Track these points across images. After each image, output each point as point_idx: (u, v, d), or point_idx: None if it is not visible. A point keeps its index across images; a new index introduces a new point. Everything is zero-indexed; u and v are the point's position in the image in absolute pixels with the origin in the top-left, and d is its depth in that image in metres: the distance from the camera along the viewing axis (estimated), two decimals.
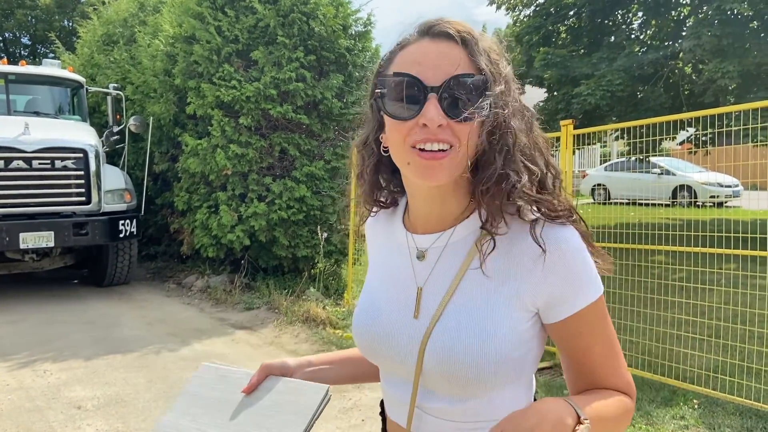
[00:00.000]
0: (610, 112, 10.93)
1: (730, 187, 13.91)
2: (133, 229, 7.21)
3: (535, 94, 13.82)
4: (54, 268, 7.73)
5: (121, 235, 7.03)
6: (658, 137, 4.89)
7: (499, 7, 13.28)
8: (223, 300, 6.74)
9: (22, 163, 6.54)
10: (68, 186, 6.81)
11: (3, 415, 3.74)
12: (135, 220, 7.26)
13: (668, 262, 6.23)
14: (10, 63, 8.21)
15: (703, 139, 11.23)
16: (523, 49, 12.41)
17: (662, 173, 13.83)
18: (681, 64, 11.24)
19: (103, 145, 7.73)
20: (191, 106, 7.07)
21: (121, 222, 7.02)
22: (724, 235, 4.12)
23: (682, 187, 14.38)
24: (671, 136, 9.28)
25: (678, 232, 4.31)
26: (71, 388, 4.19)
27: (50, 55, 20.32)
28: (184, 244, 7.66)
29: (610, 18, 12.33)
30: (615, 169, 16.27)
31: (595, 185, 16.23)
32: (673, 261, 5.95)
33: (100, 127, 8.58)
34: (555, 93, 11.96)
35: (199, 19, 6.98)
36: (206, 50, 6.83)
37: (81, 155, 6.84)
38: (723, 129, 4.30)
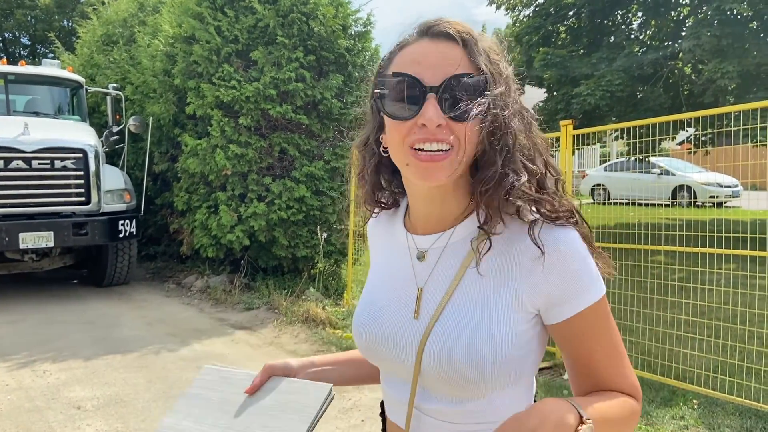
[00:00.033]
0: (610, 113, 10.93)
1: (729, 187, 13.91)
2: (133, 229, 7.21)
3: (534, 95, 13.82)
4: (53, 268, 7.73)
5: (121, 235, 7.03)
6: (658, 137, 4.89)
7: (498, 8, 13.28)
8: (222, 300, 6.74)
9: (21, 163, 6.54)
10: (68, 186, 6.81)
11: (2, 416, 3.74)
12: (134, 220, 7.26)
13: (668, 262, 6.23)
14: (9, 63, 8.21)
15: (703, 140, 11.24)
16: (522, 50, 12.40)
17: (662, 173, 13.82)
18: (680, 65, 11.25)
19: (103, 146, 7.73)
20: (191, 106, 7.07)
21: (121, 222, 7.02)
22: (723, 235, 4.12)
23: (682, 187, 14.39)
24: (671, 136, 9.27)
25: (678, 233, 4.31)
26: (71, 389, 4.19)
27: (50, 55, 20.31)
28: (184, 245, 7.66)
29: (610, 18, 12.33)
30: (614, 170, 16.27)
31: (595, 185, 16.22)
32: (673, 261, 5.95)
33: (100, 128, 8.57)
34: (554, 93, 11.96)
35: (198, 19, 6.98)
36: (206, 50, 6.83)
37: (80, 155, 6.85)
38: (722, 129, 4.30)
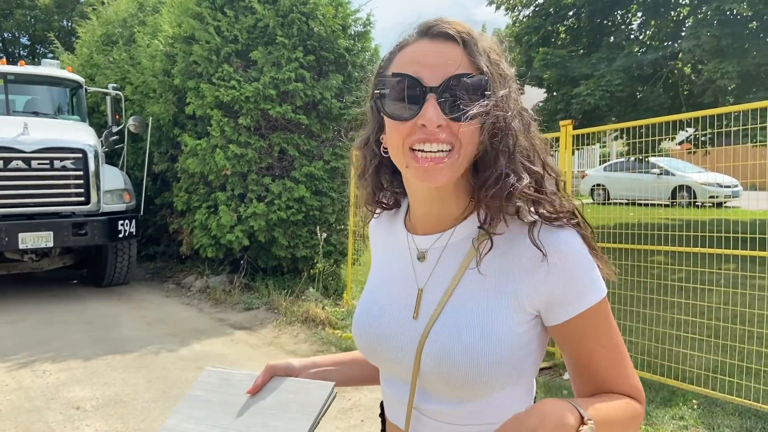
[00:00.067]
0: (610, 113, 10.93)
1: (729, 187, 13.90)
2: (133, 230, 7.21)
3: (534, 95, 13.81)
4: (53, 269, 7.72)
5: (121, 236, 7.03)
6: (658, 137, 4.89)
7: (498, 8, 13.28)
8: (222, 300, 6.74)
9: (21, 163, 6.54)
10: (67, 186, 6.81)
11: (2, 416, 3.74)
12: (134, 221, 7.26)
13: (667, 262, 6.23)
14: (9, 63, 8.21)
15: (703, 140, 11.23)
16: (522, 50, 12.40)
17: (661, 173, 13.82)
18: (680, 65, 11.24)
19: (103, 146, 7.72)
20: (190, 107, 7.07)
21: (121, 222, 7.02)
22: (723, 235, 4.12)
23: (682, 187, 14.38)
24: (670, 136, 9.27)
25: (677, 233, 4.31)
26: (70, 389, 4.19)
27: (49, 55, 20.31)
28: (184, 245, 7.65)
29: (610, 18, 12.34)
30: (614, 170, 16.26)
31: (595, 185, 16.22)
32: (673, 261, 5.94)
33: (100, 128, 8.57)
34: (554, 93, 11.96)
35: (198, 20, 6.98)
36: (205, 50, 6.82)
37: (80, 155, 6.84)
38: (722, 129, 4.29)
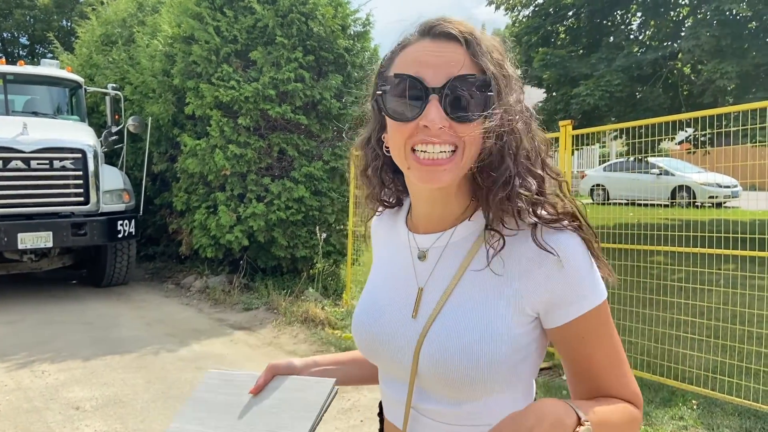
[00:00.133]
0: (609, 113, 10.93)
1: (728, 187, 13.90)
2: (132, 230, 7.20)
3: (534, 95, 13.82)
4: (52, 269, 7.72)
5: (120, 236, 7.02)
6: (657, 138, 4.89)
7: (498, 8, 13.27)
8: (221, 300, 6.73)
9: (20, 164, 6.54)
10: (67, 186, 6.81)
11: (1, 416, 3.73)
12: (133, 221, 7.25)
13: (667, 262, 6.22)
14: (8, 63, 8.20)
15: (702, 140, 11.23)
16: (522, 50, 12.40)
17: (661, 174, 13.83)
18: (680, 65, 11.24)
19: (102, 146, 7.72)
20: (190, 107, 7.07)
21: (120, 222, 7.01)
22: (723, 235, 4.12)
23: (681, 187, 14.39)
24: (670, 136, 9.28)
25: (677, 233, 4.30)
26: (69, 389, 4.18)
27: (49, 55, 20.30)
28: (183, 245, 7.65)
29: (609, 18, 12.34)
30: (614, 170, 16.27)
31: (594, 186, 16.23)
32: (672, 261, 5.94)
33: (99, 128, 8.57)
34: (554, 93, 11.96)
35: (197, 20, 6.98)
36: (205, 50, 6.82)
37: (79, 155, 6.84)
38: (722, 129, 4.29)
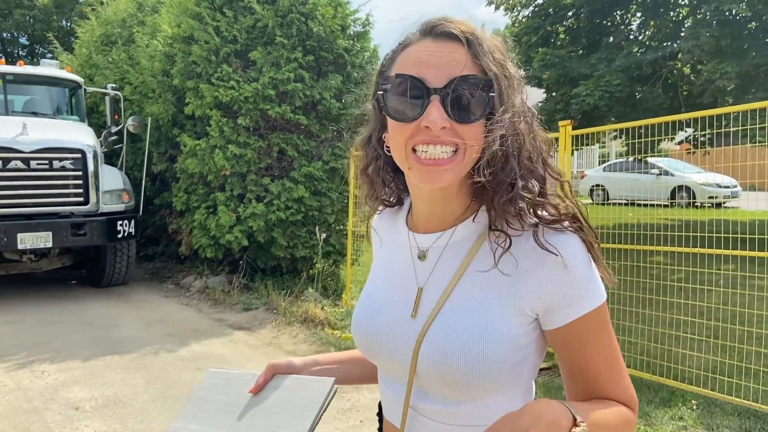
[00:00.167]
0: (609, 113, 10.93)
1: (728, 187, 13.92)
2: (132, 230, 7.20)
3: (533, 95, 13.82)
4: (52, 269, 7.71)
5: (120, 236, 7.02)
6: (657, 138, 4.89)
7: (497, 8, 13.27)
8: (221, 300, 6.73)
9: (20, 164, 6.53)
10: (66, 186, 6.80)
11: (1, 416, 3.73)
12: (133, 221, 7.25)
13: (667, 262, 6.22)
14: (8, 63, 8.20)
15: (702, 140, 11.24)
16: (521, 50, 12.40)
17: (661, 174, 13.83)
18: (679, 65, 11.24)
19: (102, 146, 7.72)
20: (190, 107, 7.06)
21: (120, 222, 7.01)
22: (722, 235, 4.11)
23: (681, 187, 14.39)
24: (670, 136, 9.28)
25: (677, 233, 4.30)
26: (69, 389, 4.18)
27: (48, 55, 20.30)
28: (183, 245, 7.65)
29: (609, 18, 12.33)
30: (614, 170, 16.28)
31: (594, 186, 16.23)
32: (672, 262, 5.94)
33: (99, 128, 8.57)
34: (553, 93, 11.96)
35: (197, 20, 6.98)
36: (205, 50, 6.82)
37: (79, 155, 6.84)
38: (721, 130, 4.30)
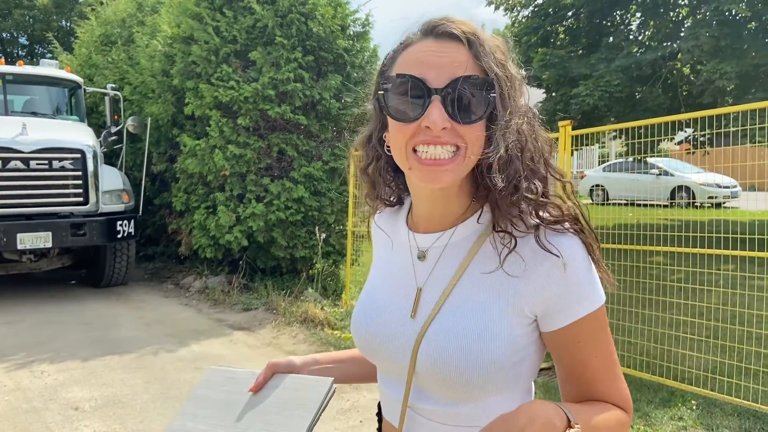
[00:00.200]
0: (609, 113, 10.93)
1: (728, 187, 13.90)
2: (131, 230, 7.20)
3: (533, 95, 13.80)
4: (51, 269, 7.71)
5: (119, 236, 7.02)
6: (657, 138, 4.89)
7: (497, 8, 13.27)
8: (221, 301, 6.73)
9: (19, 164, 6.53)
10: (66, 186, 6.80)
11: (0, 417, 3.73)
12: (133, 221, 7.25)
13: (666, 262, 6.22)
14: (7, 63, 8.20)
15: (702, 140, 11.24)
16: (521, 50, 12.40)
17: (660, 174, 13.83)
18: (679, 65, 11.24)
19: (101, 146, 7.72)
20: (189, 107, 7.06)
21: (119, 222, 7.01)
22: (722, 236, 4.11)
23: (681, 187, 14.38)
24: (669, 136, 9.27)
25: (676, 233, 4.30)
26: (68, 389, 4.18)
27: (48, 55, 20.30)
28: (182, 245, 7.65)
29: (609, 19, 12.33)
30: (613, 170, 16.26)
31: (594, 186, 16.22)
32: (672, 262, 5.94)
33: (98, 128, 8.57)
34: (553, 94, 11.96)
35: (197, 20, 6.98)
36: (204, 51, 6.82)
37: (79, 156, 6.84)
38: (721, 130, 4.29)
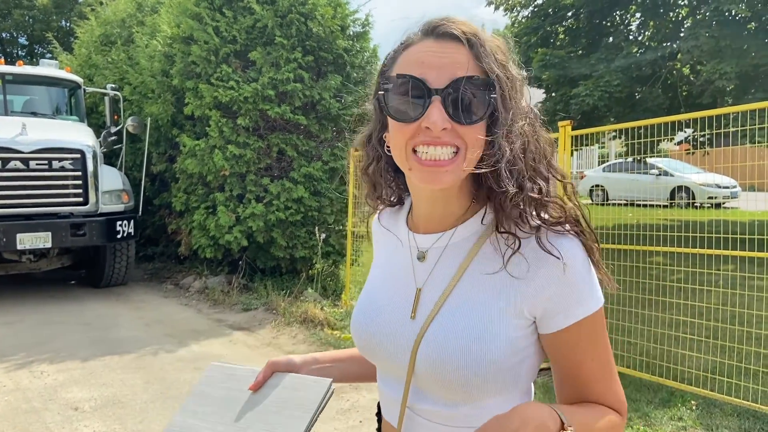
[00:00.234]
0: (608, 113, 10.94)
1: (728, 188, 13.90)
2: (131, 230, 7.20)
3: (533, 95, 13.81)
4: (51, 269, 7.71)
5: (119, 236, 7.02)
6: (656, 138, 4.89)
7: (497, 8, 13.28)
8: (220, 301, 6.73)
9: (19, 164, 6.53)
10: (65, 187, 6.80)
11: (0, 417, 3.74)
12: (132, 221, 7.25)
13: (666, 263, 6.22)
14: (7, 63, 8.20)
15: (701, 140, 11.24)
16: (521, 50, 12.39)
17: (660, 174, 13.83)
18: (679, 65, 11.24)
19: (101, 146, 7.71)
20: (189, 107, 7.06)
21: (119, 223, 7.01)
22: (722, 236, 4.11)
23: (680, 188, 14.38)
24: (669, 137, 9.28)
25: (676, 233, 4.30)
26: (68, 389, 4.18)
27: (48, 55, 20.30)
28: (182, 245, 7.64)
29: (608, 19, 12.34)
30: (613, 170, 16.26)
31: (594, 186, 16.22)
32: (671, 262, 5.94)
33: (98, 128, 8.56)
34: (553, 94, 11.96)
35: (197, 20, 6.98)
36: (204, 51, 6.82)
37: (78, 156, 6.84)
38: (721, 130, 4.30)
